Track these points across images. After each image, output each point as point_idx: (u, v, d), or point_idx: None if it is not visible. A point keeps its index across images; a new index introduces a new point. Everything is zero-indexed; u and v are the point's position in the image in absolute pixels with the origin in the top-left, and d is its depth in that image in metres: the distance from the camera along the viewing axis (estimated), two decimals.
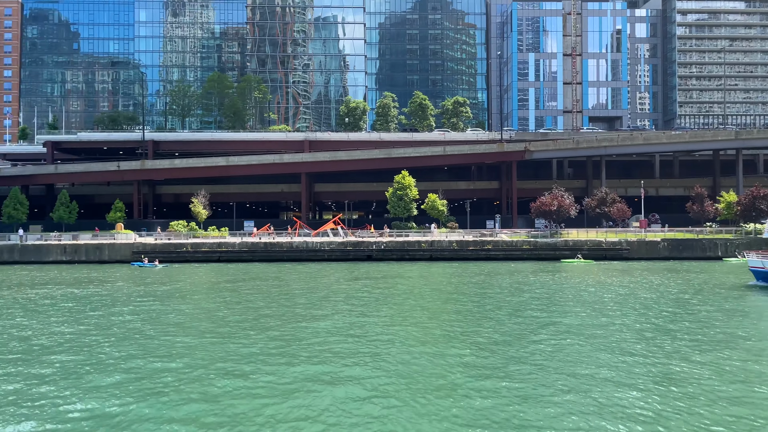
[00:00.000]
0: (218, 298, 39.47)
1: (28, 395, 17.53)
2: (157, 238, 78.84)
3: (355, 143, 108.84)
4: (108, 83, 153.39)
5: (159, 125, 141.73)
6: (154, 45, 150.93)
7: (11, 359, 22.05)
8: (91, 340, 25.25)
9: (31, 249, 74.28)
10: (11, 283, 49.40)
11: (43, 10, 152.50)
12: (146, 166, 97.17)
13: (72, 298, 39.62)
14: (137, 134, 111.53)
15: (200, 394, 17.56)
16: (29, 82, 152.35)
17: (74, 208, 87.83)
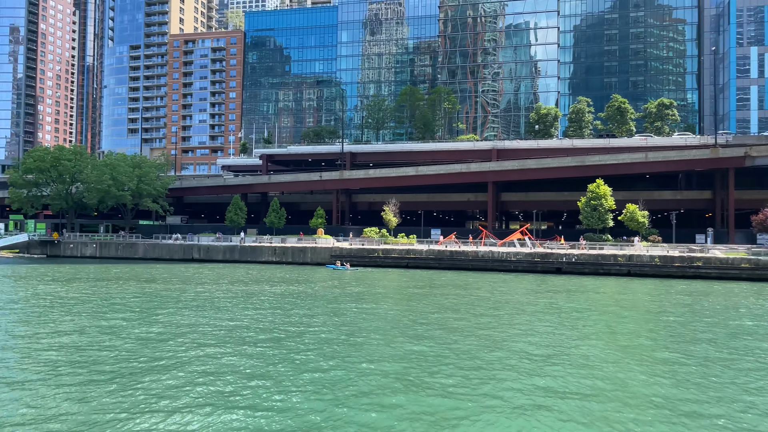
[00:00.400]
0: (409, 302, 40.69)
1: (250, 378, 19.68)
2: (352, 243, 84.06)
3: (545, 151, 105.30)
4: (313, 100, 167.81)
5: (356, 138, 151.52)
6: (353, 63, 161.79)
7: (250, 341, 25.00)
8: (293, 332, 27.64)
9: (248, 250, 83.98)
10: (235, 278, 56.27)
11: (261, 37, 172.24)
12: (344, 176, 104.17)
13: (282, 294, 43.83)
14: (337, 147, 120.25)
15: (384, 401, 18.14)
16: (249, 102, 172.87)
17: (283, 214, 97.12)
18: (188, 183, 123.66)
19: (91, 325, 29.57)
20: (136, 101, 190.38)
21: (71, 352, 23.35)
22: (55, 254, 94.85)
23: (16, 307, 36.61)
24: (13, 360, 21.98)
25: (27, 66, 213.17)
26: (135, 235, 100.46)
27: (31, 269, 67.54)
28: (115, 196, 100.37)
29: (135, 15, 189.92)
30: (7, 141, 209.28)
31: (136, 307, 36.48)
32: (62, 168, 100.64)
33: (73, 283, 50.87)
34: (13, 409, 16.20)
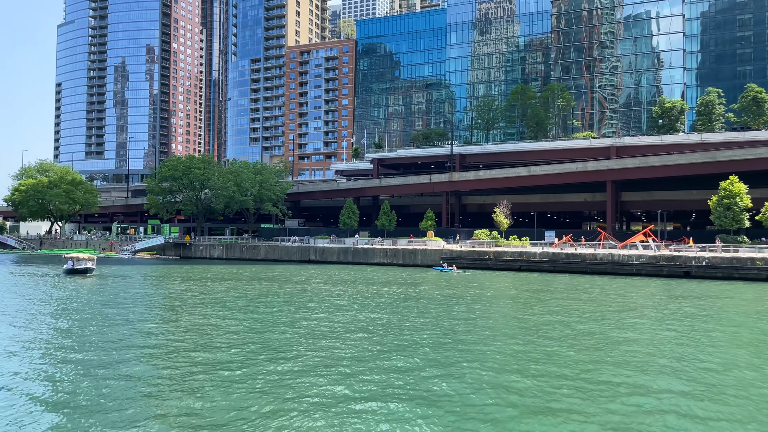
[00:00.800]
0: (522, 306, 39.85)
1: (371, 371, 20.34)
2: (462, 246, 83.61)
3: (670, 147, 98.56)
4: (422, 104, 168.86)
5: (465, 139, 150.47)
6: (462, 65, 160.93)
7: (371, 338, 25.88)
8: (401, 329, 28.07)
9: (360, 252, 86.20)
10: (350, 279, 58.07)
11: (372, 44, 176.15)
12: (454, 178, 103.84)
13: (395, 295, 44.60)
14: (446, 149, 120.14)
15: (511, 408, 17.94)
16: (361, 108, 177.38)
17: (393, 217, 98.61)
18: (304, 188, 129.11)
19: (227, 319, 31.83)
20: (257, 111, 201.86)
21: (230, 343, 25.29)
22: (187, 255, 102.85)
23: (160, 302, 40.19)
24: (162, 348, 24.20)
25: (161, 83, 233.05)
26: (257, 237, 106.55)
27: (168, 269, 73.76)
28: (239, 201, 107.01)
29: (255, 30, 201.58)
30: (144, 152, 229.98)
31: (262, 304, 38.74)
32: (192, 176, 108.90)
33: (207, 283, 54.93)
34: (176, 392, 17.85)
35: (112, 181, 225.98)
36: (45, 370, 20.77)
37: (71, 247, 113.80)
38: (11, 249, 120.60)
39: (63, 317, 32.78)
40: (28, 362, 22.07)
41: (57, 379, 19.60)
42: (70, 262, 63.66)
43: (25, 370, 20.83)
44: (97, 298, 41.65)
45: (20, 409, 16.39)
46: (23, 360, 22.41)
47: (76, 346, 24.80)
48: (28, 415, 15.84)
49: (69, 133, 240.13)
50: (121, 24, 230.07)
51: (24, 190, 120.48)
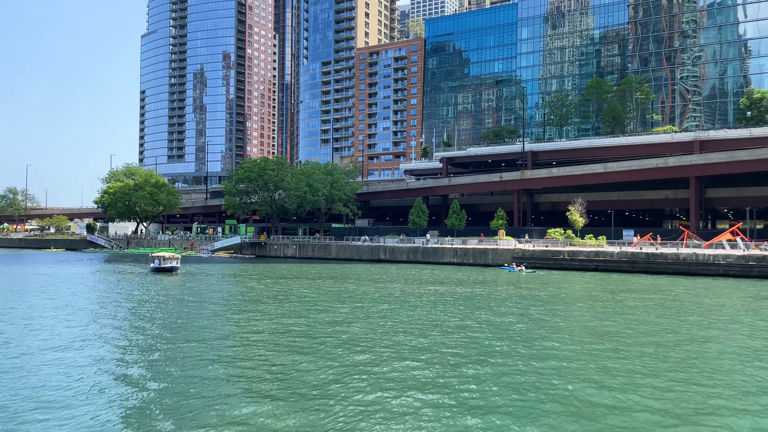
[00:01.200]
0: (598, 307, 38.59)
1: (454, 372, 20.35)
2: (535, 245, 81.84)
3: (761, 140, 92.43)
4: (492, 101, 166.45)
5: (537, 136, 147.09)
6: (534, 60, 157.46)
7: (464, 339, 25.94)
8: (473, 333, 27.82)
9: (430, 251, 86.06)
10: (421, 279, 58.16)
11: (441, 42, 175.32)
12: (525, 176, 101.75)
13: (465, 295, 44.29)
14: (517, 146, 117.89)
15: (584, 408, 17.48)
16: (429, 107, 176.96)
17: (463, 216, 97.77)
18: (374, 188, 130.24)
19: (300, 315, 32.68)
20: (328, 113, 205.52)
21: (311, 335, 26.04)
22: (262, 254, 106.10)
23: (243, 299, 41.73)
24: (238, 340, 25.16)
25: (237, 87, 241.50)
26: (328, 237, 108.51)
27: (246, 268, 76.38)
28: (311, 201, 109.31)
29: (326, 33, 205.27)
30: (222, 155, 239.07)
31: (338, 301, 39.46)
32: (267, 177, 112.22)
33: (283, 281, 56.48)
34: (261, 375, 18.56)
35: (192, 183, 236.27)
36: (139, 361, 22.02)
37: (155, 247, 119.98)
38: (101, 248, 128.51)
39: (156, 312, 34.63)
40: (125, 353, 23.47)
41: (151, 367, 20.74)
42: (157, 261, 66.56)
43: (120, 359, 22.17)
44: (184, 295, 43.72)
45: (111, 396, 17.45)
46: (120, 351, 23.85)
47: (170, 339, 26.14)
48: (120, 402, 16.83)
49: (152, 138, 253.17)
50: (200, 32, 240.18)
51: (112, 193, 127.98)
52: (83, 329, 28.96)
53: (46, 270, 69.81)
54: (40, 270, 69.81)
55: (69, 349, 24.10)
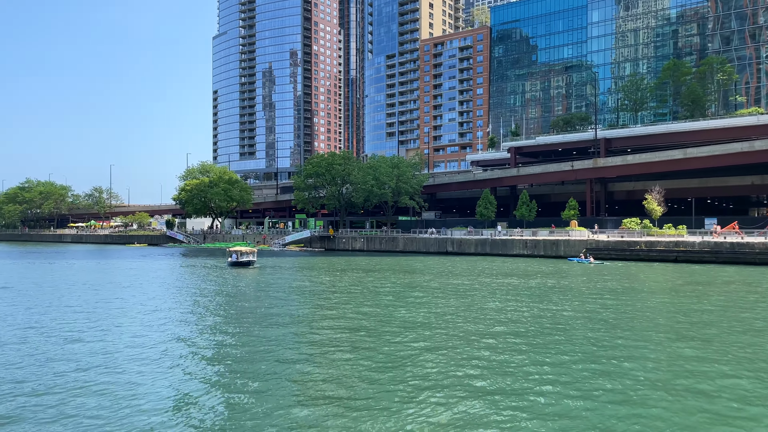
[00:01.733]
0: (683, 300, 36.88)
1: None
2: (609, 235, 79.08)
3: None
4: (562, 88, 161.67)
5: (610, 123, 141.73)
6: (605, 43, 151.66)
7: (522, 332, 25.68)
8: (549, 324, 27.21)
9: (498, 243, 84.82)
10: (491, 271, 57.49)
11: (507, 30, 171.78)
12: (598, 164, 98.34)
13: (537, 288, 43.43)
14: (589, 134, 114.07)
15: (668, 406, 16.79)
16: (496, 96, 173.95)
17: (533, 207, 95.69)
18: (440, 180, 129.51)
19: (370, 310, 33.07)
20: (393, 106, 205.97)
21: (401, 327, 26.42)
22: (331, 248, 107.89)
23: (318, 292, 42.66)
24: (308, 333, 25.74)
25: (304, 84, 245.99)
26: (395, 229, 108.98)
27: (317, 261, 77.96)
28: (378, 194, 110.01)
29: (390, 26, 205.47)
30: (291, 151, 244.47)
31: (408, 294, 39.65)
32: (334, 172, 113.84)
33: (355, 274, 57.31)
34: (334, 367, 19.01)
35: (263, 179, 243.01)
36: (226, 352, 22.94)
37: (230, 241, 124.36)
38: (180, 243, 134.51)
39: (240, 304, 35.94)
40: (211, 344, 24.52)
41: (233, 355, 21.57)
42: (234, 255, 67.87)
43: (205, 350, 23.18)
44: (263, 289, 44.93)
45: (191, 387, 18.25)
46: (208, 342, 24.94)
47: (255, 329, 27.10)
48: (199, 394, 17.58)
49: (225, 136, 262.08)
50: (267, 31, 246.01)
51: (189, 190, 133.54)
52: (172, 321, 30.41)
53: (132, 264, 73.80)
54: (127, 264, 73.87)
55: (159, 341, 25.37)
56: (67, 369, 20.07)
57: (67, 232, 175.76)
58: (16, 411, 15.66)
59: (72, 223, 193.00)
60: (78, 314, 32.21)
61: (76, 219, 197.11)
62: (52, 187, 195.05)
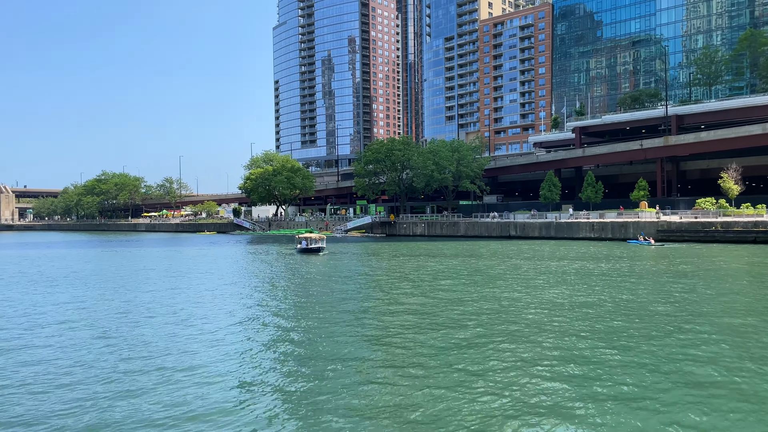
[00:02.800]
0: (759, 283, 35.06)
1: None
2: (682, 217, 75.85)
3: None
4: (629, 64, 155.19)
5: (682, 98, 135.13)
6: (676, 15, 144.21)
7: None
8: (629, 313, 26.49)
9: (564, 226, 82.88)
10: (558, 255, 56.42)
11: (570, 6, 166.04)
12: (669, 143, 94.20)
13: (610, 272, 42.30)
14: (659, 111, 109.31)
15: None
16: (559, 75, 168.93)
17: (600, 188, 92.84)
18: (502, 162, 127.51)
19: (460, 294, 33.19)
20: (452, 90, 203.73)
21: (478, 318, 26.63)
22: (392, 233, 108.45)
23: (389, 277, 43.17)
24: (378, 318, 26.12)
25: (362, 71, 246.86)
26: (456, 214, 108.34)
27: (380, 246, 78.61)
28: (438, 179, 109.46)
29: (448, 8, 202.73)
30: (350, 138, 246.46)
31: (474, 278, 39.50)
32: (394, 157, 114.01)
33: (419, 259, 57.57)
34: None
35: (324, 167, 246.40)
36: (299, 339, 23.65)
37: (293, 228, 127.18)
38: (246, 230, 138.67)
39: (315, 290, 36.73)
40: (290, 329, 25.32)
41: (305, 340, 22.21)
42: (304, 242, 68.14)
43: (285, 336, 23.95)
44: (335, 274, 45.17)
45: (255, 375, 18.91)
46: (287, 327, 25.76)
47: (333, 315, 27.78)
48: (266, 383, 18.20)
49: (287, 125, 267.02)
50: (326, 19, 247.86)
51: (254, 179, 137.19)
52: (252, 305, 31.52)
53: (205, 251, 76.68)
54: (200, 251, 76.82)
55: (233, 325, 26.38)
56: (139, 353, 21.18)
57: (141, 221, 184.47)
58: (86, 395, 16.67)
59: (145, 212, 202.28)
60: (164, 299, 33.85)
61: (148, 209, 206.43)
62: (127, 179, 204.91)
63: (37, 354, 20.92)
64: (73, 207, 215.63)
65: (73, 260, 64.71)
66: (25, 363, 19.64)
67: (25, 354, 20.95)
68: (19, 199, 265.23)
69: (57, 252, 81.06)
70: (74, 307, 31.43)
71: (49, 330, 25.19)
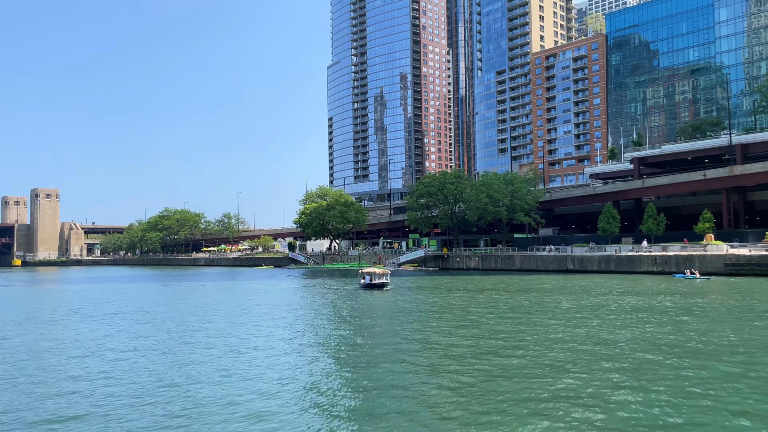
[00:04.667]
0: None
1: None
2: (751, 249, 72.24)
3: None
4: (688, 92, 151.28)
5: (746, 127, 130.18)
6: (736, 42, 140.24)
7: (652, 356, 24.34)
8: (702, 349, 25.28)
9: (624, 259, 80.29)
10: (623, 290, 54.60)
11: (624, 36, 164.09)
12: (735, 172, 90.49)
13: (682, 309, 40.60)
14: (722, 140, 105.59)
15: None
16: (614, 105, 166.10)
17: (661, 220, 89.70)
18: (557, 195, 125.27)
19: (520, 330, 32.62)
20: (504, 122, 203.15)
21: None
22: (445, 267, 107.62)
23: (461, 314, 42.85)
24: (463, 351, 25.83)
25: (414, 106, 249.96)
26: (511, 247, 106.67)
27: (436, 280, 78.04)
28: (492, 212, 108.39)
29: (499, 42, 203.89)
30: (402, 171, 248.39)
31: (538, 315, 38.68)
32: (446, 191, 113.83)
33: (484, 293, 56.83)
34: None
35: (376, 201, 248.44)
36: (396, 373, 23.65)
37: (347, 261, 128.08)
38: (301, 264, 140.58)
39: (392, 329, 36.47)
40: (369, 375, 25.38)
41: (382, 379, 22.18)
42: (368, 277, 64.40)
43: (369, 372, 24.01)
44: (405, 311, 42.71)
45: (314, 407, 18.94)
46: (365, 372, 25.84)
47: (413, 357, 27.73)
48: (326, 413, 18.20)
49: (340, 160, 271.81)
50: (378, 57, 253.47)
51: (308, 213, 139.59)
52: (326, 346, 31.72)
53: (264, 285, 78.04)
54: (260, 286, 78.21)
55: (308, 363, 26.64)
56: (200, 385, 21.60)
57: (201, 255, 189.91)
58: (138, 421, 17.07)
59: (205, 247, 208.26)
60: (225, 332, 34.56)
61: (208, 243, 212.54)
62: (187, 215, 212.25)
63: (111, 383, 21.69)
64: (137, 242, 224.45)
65: (138, 294, 67.17)
66: (92, 392, 20.38)
67: (96, 382, 21.77)
68: (87, 235, 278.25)
69: (124, 287, 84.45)
70: (148, 344, 32.45)
71: (117, 364, 26.11)
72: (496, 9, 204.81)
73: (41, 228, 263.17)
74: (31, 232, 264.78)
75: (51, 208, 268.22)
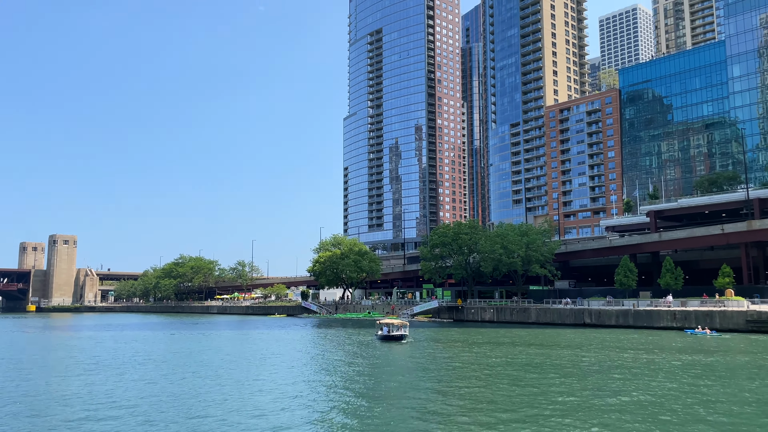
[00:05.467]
0: None
1: None
2: None
3: None
4: (703, 146, 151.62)
5: (763, 181, 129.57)
6: (750, 98, 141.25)
7: None
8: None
9: (642, 314, 78.81)
10: (638, 346, 53.40)
11: (638, 91, 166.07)
12: (753, 227, 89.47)
13: (690, 365, 39.60)
14: (740, 194, 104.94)
15: None
16: (629, 158, 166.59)
17: (679, 274, 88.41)
18: (573, 247, 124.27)
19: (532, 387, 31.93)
20: (518, 174, 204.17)
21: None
22: (459, 318, 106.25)
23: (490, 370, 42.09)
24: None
25: (428, 157, 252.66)
26: (526, 300, 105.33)
27: (453, 333, 76.91)
28: (507, 263, 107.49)
29: (513, 96, 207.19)
30: (417, 221, 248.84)
31: (555, 371, 37.86)
32: (461, 241, 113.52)
33: (500, 348, 55.91)
34: None
35: (390, 250, 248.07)
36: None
37: (360, 311, 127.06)
38: (314, 313, 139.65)
39: (420, 391, 35.93)
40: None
41: None
42: (386, 328, 62.80)
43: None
44: (428, 368, 41.22)
45: None
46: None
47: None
48: None
49: (354, 210, 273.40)
50: (394, 109, 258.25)
51: (322, 262, 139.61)
52: (344, 407, 31.20)
53: (279, 335, 77.40)
54: (276, 335, 77.61)
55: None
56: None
57: (213, 303, 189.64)
58: None
59: (218, 295, 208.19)
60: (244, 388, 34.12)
61: (221, 291, 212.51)
62: (202, 262, 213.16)
63: None
64: (152, 289, 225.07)
65: (153, 343, 66.91)
66: None
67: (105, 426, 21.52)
68: (102, 282, 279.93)
69: (137, 334, 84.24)
70: (161, 390, 32.17)
71: (130, 410, 25.86)
72: (510, 64, 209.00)
73: (57, 274, 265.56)
74: (47, 277, 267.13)
75: (68, 254, 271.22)
